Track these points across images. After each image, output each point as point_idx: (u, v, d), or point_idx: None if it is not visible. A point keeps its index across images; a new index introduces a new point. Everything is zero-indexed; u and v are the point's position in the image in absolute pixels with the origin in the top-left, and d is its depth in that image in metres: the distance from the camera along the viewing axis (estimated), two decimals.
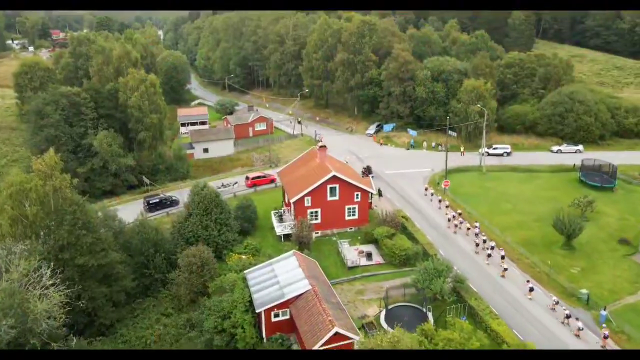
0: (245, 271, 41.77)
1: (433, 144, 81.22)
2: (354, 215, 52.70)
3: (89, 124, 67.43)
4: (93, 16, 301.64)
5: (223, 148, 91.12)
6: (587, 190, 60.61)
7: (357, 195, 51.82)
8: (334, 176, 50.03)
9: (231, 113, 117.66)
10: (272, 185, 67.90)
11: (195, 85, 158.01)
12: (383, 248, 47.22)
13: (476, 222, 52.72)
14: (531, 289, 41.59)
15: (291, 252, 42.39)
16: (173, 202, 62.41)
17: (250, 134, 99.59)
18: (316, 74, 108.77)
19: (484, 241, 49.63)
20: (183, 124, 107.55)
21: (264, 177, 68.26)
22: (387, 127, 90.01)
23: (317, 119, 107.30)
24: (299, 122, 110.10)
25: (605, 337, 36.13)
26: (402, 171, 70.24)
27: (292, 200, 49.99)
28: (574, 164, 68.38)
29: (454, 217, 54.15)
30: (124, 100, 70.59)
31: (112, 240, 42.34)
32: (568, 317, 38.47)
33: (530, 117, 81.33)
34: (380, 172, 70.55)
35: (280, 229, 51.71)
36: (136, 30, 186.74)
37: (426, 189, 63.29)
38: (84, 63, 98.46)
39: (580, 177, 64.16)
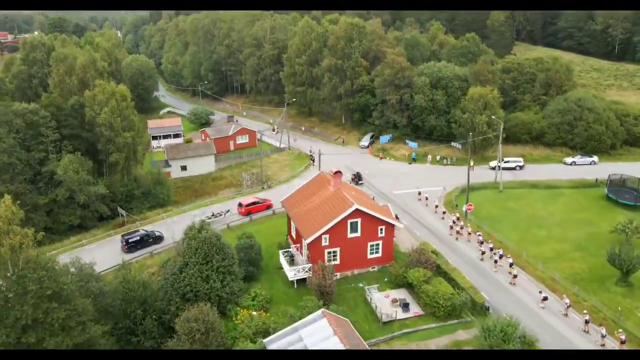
0: (264, 340, 33.22)
1: (438, 157, 74.42)
2: (377, 252, 44.90)
3: (50, 148, 56.78)
4: (44, 16, 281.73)
5: (203, 165, 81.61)
6: (619, 209, 55.24)
7: (381, 229, 44.05)
8: (357, 210, 42.08)
9: (206, 123, 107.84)
10: (269, 212, 59.25)
11: (163, 92, 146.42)
12: (422, 296, 39.57)
13: (478, 232, 51.05)
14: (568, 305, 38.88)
15: (319, 312, 34.11)
16: (157, 239, 52.79)
17: (232, 148, 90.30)
18: (299, 80, 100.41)
19: (491, 249, 47.87)
20: (154, 137, 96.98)
21: (259, 202, 59.46)
22: (384, 139, 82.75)
23: (303, 128, 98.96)
24: (274, 131, 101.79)
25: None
26: (408, 191, 62.95)
27: (308, 241, 41.66)
28: (596, 179, 63.05)
29: (454, 222, 52.85)
30: (92, 117, 60.26)
31: (90, 309, 32.89)
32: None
33: (537, 126, 75.86)
34: (388, 193, 63.07)
35: (292, 274, 43.27)
36: (94, 32, 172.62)
37: (436, 207, 56.47)
38: (39, 70, 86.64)
39: (607, 194, 58.73)
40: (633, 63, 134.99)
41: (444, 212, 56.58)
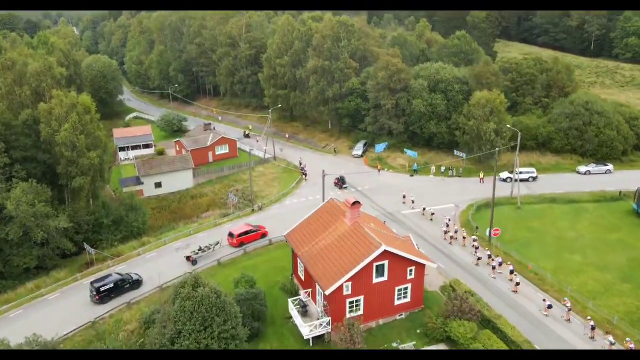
0: None
1: (442, 168, 67.76)
2: (405, 297, 37.63)
3: None
4: None
5: (180, 181, 72.33)
6: None
7: (411, 271, 36.82)
8: (385, 251, 34.65)
9: (179, 130, 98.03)
10: (265, 241, 51.07)
11: (128, 95, 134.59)
12: None
13: (473, 236, 48.67)
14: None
15: None
16: (134, 284, 43.78)
17: (211, 159, 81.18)
18: (281, 82, 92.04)
19: (489, 256, 45.43)
20: (121, 148, 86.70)
21: (253, 231, 51.15)
22: (379, 147, 75.57)
23: (287, 135, 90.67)
24: (247, 136, 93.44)
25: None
26: (418, 210, 56.00)
27: (328, 292, 33.92)
28: (620, 191, 57.88)
29: (447, 225, 50.79)
30: (49, 135, 50.40)
31: None
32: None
33: (543, 131, 70.35)
34: (395, 212, 55.95)
35: (307, 330, 35.44)
36: (48, 29, 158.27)
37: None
38: None
39: (636, 209, 53.46)
40: (610, 59, 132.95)
41: (446, 232, 49.80)
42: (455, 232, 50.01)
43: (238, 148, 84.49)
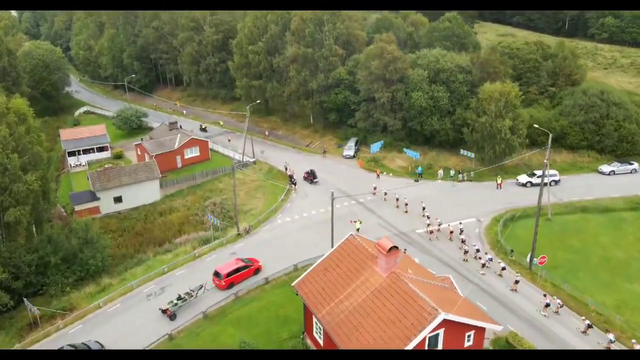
0: None
1: (452, 171, 59.00)
2: None
3: None
4: None
5: (145, 193, 60.78)
6: None
7: (469, 337, 27.98)
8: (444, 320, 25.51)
9: (139, 128, 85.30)
10: (259, 278, 40.97)
11: (76, 86, 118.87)
12: None
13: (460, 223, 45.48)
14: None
15: None
16: None
17: (179, 165, 69.53)
18: (254, 71, 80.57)
19: (478, 250, 42.21)
20: (71, 153, 73.59)
21: (244, 267, 40.83)
22: (375, 147, 66.06)
23: (267, 132, 79.66)
24: (203, 129, 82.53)
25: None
26: (436, 227, 47.25)
27: None
28: None
29: (428, 217, 47.46)
30: None
31: None
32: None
33: (556, 125, 62.77)
34: (408, 232, 46.93)
35: None
36: None
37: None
38: None
39: None
40: (586, 39, 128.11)
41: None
42: (440, 225, 45.61)
43: (210, 149, 73.10)
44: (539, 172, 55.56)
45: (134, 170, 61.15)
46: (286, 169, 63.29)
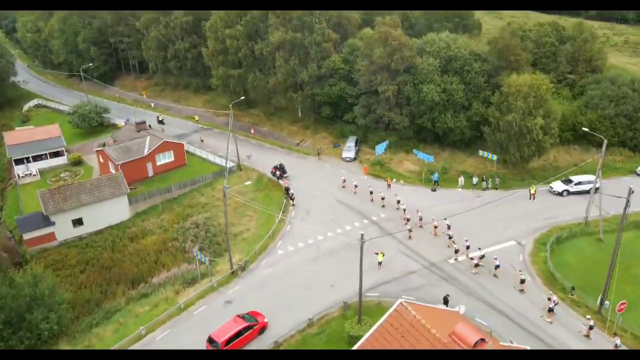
0: None
1: (474, 178, 50.62)
2: None
3: None
4: None
5: (110, 213, 50.45)
6: None
7: None
8: None
9: (101, 126, 73.61)
10: (267, 340, 31.96)
11: (25, 75, 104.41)
12: None
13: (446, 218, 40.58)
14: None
15: None
16: None
17: (151, 173, 58.93)
18: (232, 59, 69.76)
19: (468, 247, 38.37)
20: (18, 161, 61.75)
21: (247, 328, 31.63)
22: (380, 148, 57.07)
23: (252, 131, 69.35)
24: (161, 122, 72.44)
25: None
26: (471, 254, 39.12)
27: None
28: None
29: (405, 211, 43.80)
30: None
31: None
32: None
33: (582, 119, 55.29)
34: (439, 262, 38.60)
35: None
36: None
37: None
38: None
39: None
40: (573, 16, 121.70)
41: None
42: (420, 219, 41.94)
43: (186, 152, 62.59)
44: (575, 178, 48.04)
45: (95, 185, 50.35)
46: (278, 177, 53.81)
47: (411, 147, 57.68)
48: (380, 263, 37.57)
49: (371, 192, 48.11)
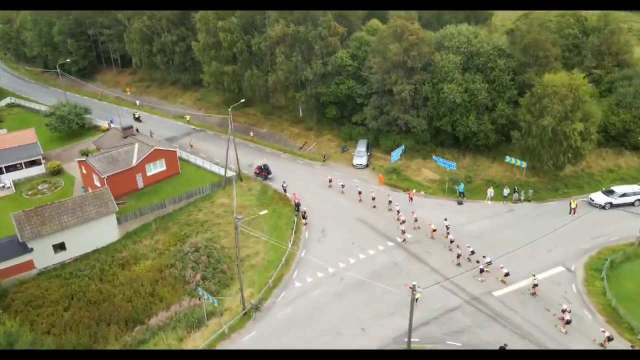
0: None
1: (505, 190, 45.36)
2: None
3: None
4: None
5: (97, 234, 44.36)
6: None
7: None
8: None
9: (83, 128, 66.65)
10: None
11: None
12: None
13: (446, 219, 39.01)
14: None
15: None
16: None
17: (140, 185, 52.58)
18: (227, 54, 63.27)
19: (472, 252, 36.35)
20: None
21: None
22: (396, 155, 51.57)
23: (252, 134, 63.16)
24: (137, 119, 67.10)
25: None
26: (523, 283, 34.12)
27: None
28: None
29: (403, 222, 40.21)
30: None
31: None
32: None
33: (615, 120, 50.52)
34: (482, 296, 33.59)
35: None
36: None
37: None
38: None
39: None
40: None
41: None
42: (415, 220, 40.30)
43: (180, 159, 56.30)
44: (619, 189, 43.28)
45: (79, 204, 43.96)
46: (285, 190, 48.06)
47: (428, 152, 52.41)
48: (417, 300, 32.37)
49: (399, 212, 42.60)
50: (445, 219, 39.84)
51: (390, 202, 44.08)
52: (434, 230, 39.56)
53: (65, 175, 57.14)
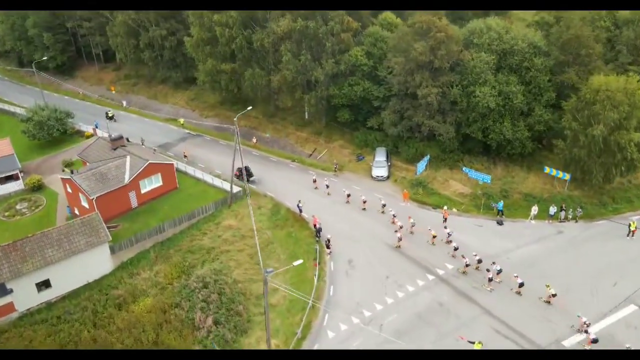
0: None
1: (552, 208, 40.04)
2: None
3: None
4: None
5: (87, 268, 38.27)
6: None
7: None
8: None
9: (64, 134, 59.66)
10: None
11: None
12: None
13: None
14: None
15: None
16: None
17: (134, 204, 46.25)
18: (224, 51, 56.72)
19: (479, 261, 33.74)
20: None
21: None
22: (421, 166, 46.10)
23: (255, 140, 56.94)
24: (110, 117, 61.59)
25: None
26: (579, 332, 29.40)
27: None
28: None
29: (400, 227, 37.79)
30: None
31: None
32: None
33: None
34: (551, 347, 28.70)
35: None
36: None
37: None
38: None
39: None
40: None
41: None
42: (412, 225, 38.15)
43: (177, 170, 49.92)
44: None
45: (65, 234, 37.65)
46: (301, 210, 42.32)
47: (455, 162, 47.14)
48: None
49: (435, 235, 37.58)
50: (445, 227, 37.56)
51: (384, 205, 41.04)
52: (434, 237, 36.89)
53: (47, 191, 50.45)
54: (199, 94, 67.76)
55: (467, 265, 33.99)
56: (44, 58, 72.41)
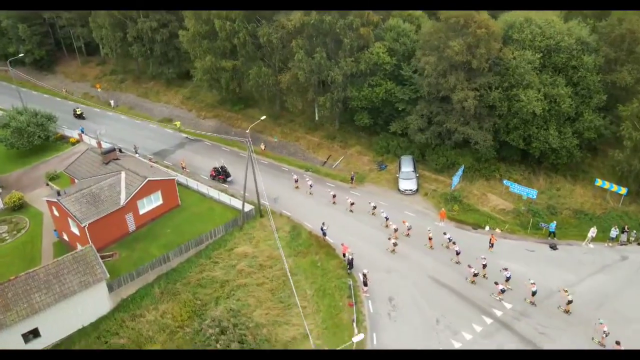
0: None
1: (614, 230, 35.00)
2: None
3: None
4: None
5: (83, 310, 32.58)
6: None
7: None
8: None
9: (46, 140, 53.05)
10: None
11: None
12: None
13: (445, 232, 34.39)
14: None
15: None
16: None
17: (132, 228, 40.32)
18: (225, 46, 50.42)
19: (484, 266, 31.17)
20: None
21: None
22: (456, 178, 40.96)
23: (263, 146, 51.03)
24: (79, 116, 58.81)
25: None
26: None
27: None
28: None
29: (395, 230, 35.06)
30: None
31: None
32: None
33: None
34: None
35: None
36: None
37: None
38: None
39: None
40: None
41: None
42: (409, 229, 35.99)
43: (178, 184, 43.89)
44: None
45: (54, 274, 31.82)
46: (325, 233, 36.98)
47: (491, 172, 42.12)
48: None
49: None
50: (445, 233, 35.02)
51: (374, 207, 38.69)
52: (430, 239, 34.81)
53: (29, 210, 44.20)
54: (194, 92, 61.40)
55: (475, 275, 31.06)
56: (20, 54, 64.83)
